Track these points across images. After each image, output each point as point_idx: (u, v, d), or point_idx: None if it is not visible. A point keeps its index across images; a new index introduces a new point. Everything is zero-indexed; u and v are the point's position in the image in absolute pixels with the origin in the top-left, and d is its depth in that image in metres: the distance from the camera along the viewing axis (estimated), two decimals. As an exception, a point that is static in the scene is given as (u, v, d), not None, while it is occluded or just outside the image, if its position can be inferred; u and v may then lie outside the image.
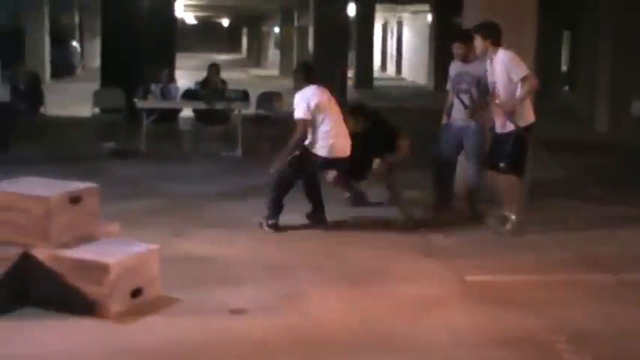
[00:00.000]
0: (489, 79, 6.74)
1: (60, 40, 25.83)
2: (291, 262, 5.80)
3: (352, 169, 7.16)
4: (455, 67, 7.28)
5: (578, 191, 8.55)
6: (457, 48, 7.11)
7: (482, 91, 6.99)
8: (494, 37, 6.57)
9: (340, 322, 4.69)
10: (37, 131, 11.46)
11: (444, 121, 7.41)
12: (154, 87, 10.95)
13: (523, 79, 6.47)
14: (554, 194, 8.07)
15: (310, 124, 6.60)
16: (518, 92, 6.51)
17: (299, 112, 6.59)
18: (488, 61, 6.70)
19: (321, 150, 6.65)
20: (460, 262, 5.90)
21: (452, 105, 7.30)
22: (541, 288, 5.42)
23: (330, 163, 6.82)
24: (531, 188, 7.55)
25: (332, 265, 5.79)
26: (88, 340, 4.32)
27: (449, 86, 7.42)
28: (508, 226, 6.73)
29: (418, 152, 8.06)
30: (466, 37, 7.05)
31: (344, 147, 6.77)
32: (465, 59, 7.09)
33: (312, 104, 6.60)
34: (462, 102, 7.08)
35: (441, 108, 7.52)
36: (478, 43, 6.60)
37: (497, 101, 6.60)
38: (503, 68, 6.51)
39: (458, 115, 7.21)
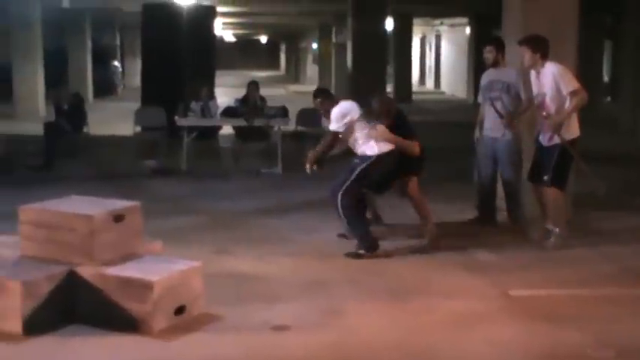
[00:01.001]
0: (535, 90, 6.69)
1: (101, 60, 26.25)
2: (333, 279, 5.79)
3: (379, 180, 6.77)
4: (486, 76, 7.33)
5: (622, 203, 8.42)
6: (487, 52, 7.18)
7: (513, 97, 7.03)
8: (543, 49, 6.54)
9: (382, 338, 4.67)
10: (81, 150, 11.64)
11: (476, 135, 7.40)
12: (194, 105, 11.05)
13: (573, 93, 6.42)
14: (598, 207, 7.95)
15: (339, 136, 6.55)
16: (567, 105, 6.46)
17: (332, 125, 6.56)
18: (533, 74, 6.66)
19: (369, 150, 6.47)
20: (503, 277, 5.84)
21: (483, 118, 7.31)
22: (586, 302, 5.33)
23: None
24: (574, 201, 7.46)
25: (373, 280, 5.77)
26: (132, 357, 4.36)
27: (480, 98, 7.43)
28: (552, 239, 6.65)
29: (459, 166, 8.01)
30: (498, 43, 7.24)
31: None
32: (495, 64, 7.16)
33: (349, 118, 6.50)
34: (496, 110, 7.05)
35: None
36: (527, 55, 6.56)
37: (544, 114, 6.55)
38: (553, 81, 6.46)
39: (490, 126, 7.21)
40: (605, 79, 24.59)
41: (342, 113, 6.52)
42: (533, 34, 6.67)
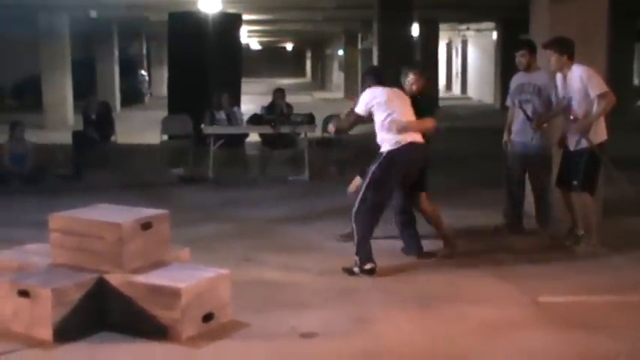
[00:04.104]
0: (561, 93, 6.62)
1: (129, 69, 26.45)
2: (361, 286, 5.76)
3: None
4: (516, 79, 7.26)
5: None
6: (521, 55, 7.09)
7: (544, 101, 6.95)
8: (569, 51, 6.47)
9: (412, 345, 4.63)
10: (109, 159, 11.73)
11: (505, 139, 7.33)
12: (217, 114, 11.06)
13: (601, 96, 6.34)
14: (628, 212, 7.86)
15: (361, 120, 6.29)
16: (594, 109, 6.39)
17: (357, 106, 6.25)
18: (559, 76, 6.60)
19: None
20: (533, 284, 5.78)
21: (512, 122, 7.25)
22: (618, 310, 5.25)
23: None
24: (604, 206, 7.38)
25: (402, 288, 5.73)
26: (161, 364, 4.37)
27: (509, 101, 7.37)
28: (582, 245, 6.58)
29: (488, 172, 7.95)
30: (531, 46, 7.13)
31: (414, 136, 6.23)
32: (528, 68, 7.08)
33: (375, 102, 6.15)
34: (526, 114, 6.98)
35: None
36: (554, 58, 6.49)
37: (572, 117, 6.47)
38: (580, 84, 6.39)
39: (519, 130, 7.14)
40: (636, 82, 24.34)
41: (369, 97, 6.19)
42: (557, 37, 6.60)
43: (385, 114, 6.09)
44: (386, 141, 6.10)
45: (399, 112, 6.13)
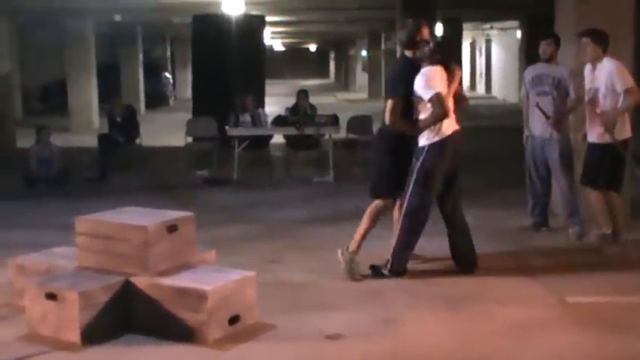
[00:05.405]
0: (588, 85, 6.54)
1: (153, 72, 26.62)
2: (387, 287, 5.73)
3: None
4: (533, 70, 7.23)
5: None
6: (547, 45, 7.06)
7: (562, 94, 6.90)
8: (605, 44, 6.40)
9: (439, 346, 4.60)
10: (134, 161, 11.80)
11: (526, 133, 7.28)
12: (241, 117, 11.09)
13: (628, 91, 6.27)
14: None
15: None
16: (620, 104, 6.32)
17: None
18: (588, 67, 6.52)
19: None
20: (560, 283, 5.72)
21: (527, 115, 7.19)
22: (648, 309, 5.20)
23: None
24: (632, 204, 7.29)
25: (429, 289, 5.69)
26: (188, 367, 4.37)
27: (523, 92, 7.32)
28: (609, 244, 6.51)
29: (514, 171, 7.90)
30: (556, 38, 7.14)
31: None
32: (550, 60, 7.06)
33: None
34: (541, 110, 6.92)
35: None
36: (590, 47, 6.42)
37: (597, 110, 6.40)
38: (609, 76, 6.32)
39: (537, 126, 7.09)
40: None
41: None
42: (596, 28, 6.51)
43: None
44: (428, 131, 5.71)
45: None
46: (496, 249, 6.62)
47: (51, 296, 4.67)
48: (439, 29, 21.31)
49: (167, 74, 29.87)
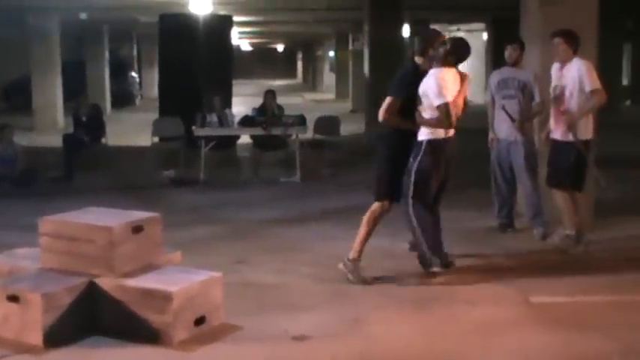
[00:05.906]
0: (555, 82, 6.59)
1: (119, 71, 26.37)
2: (354, 288, 5.73)
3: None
4: (498, 74, 7.31)
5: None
6: (513, 49, 7.14)
7: (527, 97, 7.02)
8: (576, 45, 6.47)
9: (408, 346, 4.61)
10: (99, 161, 11.68)
11: (491, 135, 7.36)
12: (208, 117, 11.03)
13: (593, 92, 6.34)
14: (618, 212, 7.87)
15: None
16: (585, 104, 6.38)
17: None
18: (556, 65, 6.57)
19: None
20: (525, 283, 5.77)
21: (493, 119, 7.27)
22: (611, 309, 5.24)
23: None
24: (597, 206, 7.38)
25: (396, 289, 5.71)
26: (153, 369, 4.33)
27: (489, 97, 7.40)
28: (573, 244, 6.57)
29: (480, 172, 7.96)
30: (521, 42, 7.24)
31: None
32: (515, 64, 7.14)
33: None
34: (507, 113, 7.01)
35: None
36: (562, 48, 6.47)
37: (562, 109, 6.46)
38: (577, 76, 6.38)
39: (502, 129, 7.17)
40: (625, 82, 24.40)
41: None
42: (570, 29, 6.57)
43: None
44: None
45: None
46: (463, 250, 6.64)
47: (13, 298, 4.59)
48: (406, 30, 21.40)
49: (133, 73, 29.61)
